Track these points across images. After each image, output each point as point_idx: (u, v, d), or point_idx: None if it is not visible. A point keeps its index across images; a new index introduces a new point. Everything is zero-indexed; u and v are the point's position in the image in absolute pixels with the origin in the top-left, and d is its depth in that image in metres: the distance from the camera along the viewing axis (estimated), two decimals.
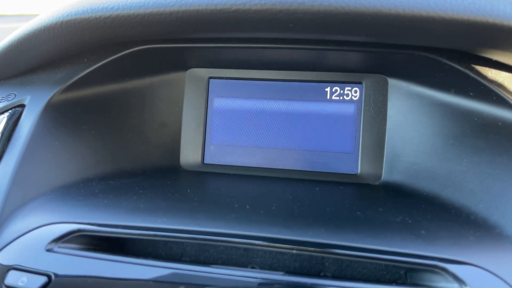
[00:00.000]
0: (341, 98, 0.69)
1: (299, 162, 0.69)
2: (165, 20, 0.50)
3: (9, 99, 0.61)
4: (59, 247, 0.47)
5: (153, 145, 0.70)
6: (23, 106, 0.59)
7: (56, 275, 0.46)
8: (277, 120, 0.70)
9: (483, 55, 0.52)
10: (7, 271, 0.47)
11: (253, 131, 0.71)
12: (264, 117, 0.70)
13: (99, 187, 0.57)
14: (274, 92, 0.70)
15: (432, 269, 0.42)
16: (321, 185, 0.65)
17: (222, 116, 0.72)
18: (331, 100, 0.69)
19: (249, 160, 0.71)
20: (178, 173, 0.70)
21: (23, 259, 0.47)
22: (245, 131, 0.71)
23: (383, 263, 0.46)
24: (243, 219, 0.48)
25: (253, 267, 0.48)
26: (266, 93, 0.70)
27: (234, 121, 0.71)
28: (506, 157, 0.50)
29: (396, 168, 0.64)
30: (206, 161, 0.72)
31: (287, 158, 0.70)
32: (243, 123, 0.71)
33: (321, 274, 0.48)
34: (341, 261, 0.48)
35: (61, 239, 0.48)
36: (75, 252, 0.47)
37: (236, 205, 0.52)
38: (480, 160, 0.53)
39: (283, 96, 0.70)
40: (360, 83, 0.68)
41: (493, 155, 0.52)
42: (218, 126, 0.72)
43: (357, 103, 0.68)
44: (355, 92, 0.68)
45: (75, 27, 0.53)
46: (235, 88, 0.71)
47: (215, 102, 0.72)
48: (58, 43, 0.57)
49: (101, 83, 0.64)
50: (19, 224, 0.50)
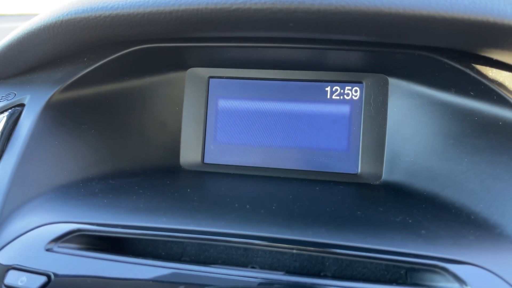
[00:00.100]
0: (341, 97, 0.68)
1: (299, 162, 0.69)
2: (165, 19, 0.50)
3: (9, 98, 0.60)
4: (58, 246, 0.47)
5: (153, 144, 0.70)
6: (22, 105, 0.59)
7: (55, 274, 0.46)
8: (277, 120, 0.70)
9: (483, 54, 0.52)
10: (7, 270, 0.47)
11: (253, 130, 0.71)
12: (264, 116, 0.70)
13: (99, 186, 0.57)
14: (274, 92, 0.70)
15: (432, 268, 0.42)
16: (321, 184, 0.65)
17: (222, 116, 0.72)
18: (331, 100, 0.69)
19: (249, 160, 0.71)
20: (178, 173, 0.70)
21: (23, 259, 0.47)
22: (245, 131, 0.71)
23: (383, 263, 0.46)
24: (243, 219, 0.48)
25: (253, 267, 0.48)
26: (266, 92, 0.70)
27: (234, 121, 0.71)
28: (507, 156, 0.50)
29: (397, 167, 0.64)
30: (206, 160, 0.72)
31: (287, 157, 0.70)
32: (243, 122, 0.71)
33: (321, 274, 0.48)
34: (342, 261, 0.48)
35: (60, 238, 0.48)
36: (75, 252, 0.47)
37: (236, 205, 0.52)
38: (480, 159, 0.53)
39: (283, 96, 0.70)
40: (360, 82, 0.68)
41: (493, 154, 0.52)
42: (218, 126, 0.72)
43: (357, 102, 0.68)
44: (356, 91, 0.68)
45: (75, 26, 0.53)
46: (235, 88, 0.71)
47: (215, 102, 0.72)
48: (58, 42, 0.56)
49: (101, 82, 0.64)
50: (18, 224, 0.50)
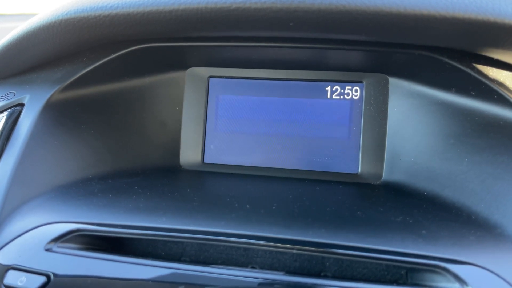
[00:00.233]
0: (341, 97, 0.68)
1: (299, 162, 0.69)
2: (164, 18, 0.50)
3: (8, 98, 0.60)
4: (58, 246, 0.47)
5: (153, 144, 0.70)
6: (22, 105, 0.59)
7: (55, 275, 0.46)
8: (277, 120, 0.70)
9: (484, 54, 0.52)
10: (6, 270, 0.47)
11: (253, 130, 0.70)
12: (264, 116, 0.70)
13: (98, 186, 0.57)
14: (275, 91, 0.70)
15: (433, 269, 0.42)
16: (321, 184, 0.64)
17: (222, 116, 0.71)
18: (331, 99, 0.69)
19: (249, 160, 0.71)
20: (178, 173, 0.69)
21: (22, 259, 0.47)
22: (245, 131, 0.71)
23: (384, 263, 0.46)
24: (243, 219, 0.48)
25: (253, 267, 0.48)
26: (266, 92, 0.70)
27: (234, 121, 0.71)
28: (507, 156, 0.50)
29: (397, 167, 0.64)
30: (206, 160, 0.72)
31: (287, 157, 0.70)
32: (243, 122, 0.71)
33: (322, 274, 0.48)
34: (342, 261, 0.48)
35: (60, 238, 0.47)
36: (74, 252, 0.47)
37: (236, 205, 0.52)
38: (481, 159, 0.53)
39: (283, 95, 0.70)
40: (360, 82, 0.68)
41: (494, 154, 0.52)
42: (218, 126, 0.72)
43: (357, 102, 0.68)
44: (356, 91, 0.68)
45: (74, 26, 0.53)
46: (235, 87, 0.71)
47: (215, 102, 0.72)
48: (57, 41, 0.56)
49: (100, 82, 0.63)
50: (18, 224, 0.50)
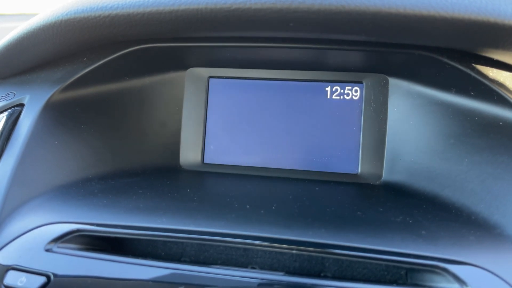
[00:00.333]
0: (341, 97, 0.68)
1: (299, 162, 0.69)
2: (164, 19, 0.50)
3: (8, 98, 0.60)
4: (58, 247, 0.47)
5: (153, 144, 0.70)
6: (22, 105, 0.59)
7: (55, 275, 0.46)
8: (277, 120, 0.70)
9: (484, 54, 0.52)
10: (6, 271, 0.47)
11: (253, 130, 0.70)
12: (264, 116, 0.70)
13: (98, 186, 0.57)
14: (274, 92, 0.70)
15: (432, 269, 0.42)
16: (321, 185, 0.64)
17: (222, 116, 0.71)
18: (331, 100, 0.69)
19: (249, 160, 0.70)
20: (178, 173, 0.70)
21: (22, 259, 0.47)
22: (245, 131, 0.71)
23: (383, 263, 0.46)
24: (243, 219, 0.48)
25: (253, 267, 0.48)
26: (266, 92, 0.70)
27: (234, 121, 0.71)
28: (507, 156, 0.50)
29: (397, 167, 0.64)
30: (206, 160, 0.72)
31: (287, 157, 0.70)
32: (243, 122, 0.71)
33: (321, 274, 0.48)
34: (342, 261, 0.48)
35: (60, 239, 0.48)
36: (74, 252, 0.47)
37: (236, 205, 0.52)
38: (481, 159, 0.53)
39: (283, 96, 0.70)
40: (360, 82, 0.68)
41: (494, 154, 0.52)
42: (218, 126, 0.72)
43: (357, 102, 0.68)
44: (356, 91, 0.68)
45: (74, 26, 0.53)
46: (235, 88, 0.71)
47: (215, 102, 0.72)
48: (57, 42, 0.56)
49: (100, 82, 0.63)
50: (18, 224, 0.50)
